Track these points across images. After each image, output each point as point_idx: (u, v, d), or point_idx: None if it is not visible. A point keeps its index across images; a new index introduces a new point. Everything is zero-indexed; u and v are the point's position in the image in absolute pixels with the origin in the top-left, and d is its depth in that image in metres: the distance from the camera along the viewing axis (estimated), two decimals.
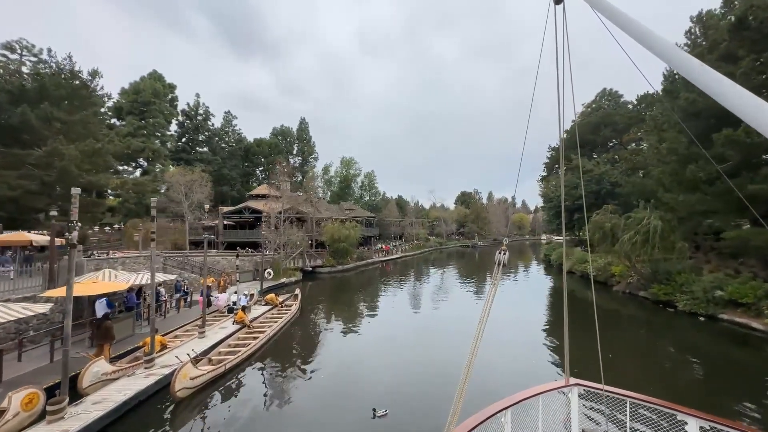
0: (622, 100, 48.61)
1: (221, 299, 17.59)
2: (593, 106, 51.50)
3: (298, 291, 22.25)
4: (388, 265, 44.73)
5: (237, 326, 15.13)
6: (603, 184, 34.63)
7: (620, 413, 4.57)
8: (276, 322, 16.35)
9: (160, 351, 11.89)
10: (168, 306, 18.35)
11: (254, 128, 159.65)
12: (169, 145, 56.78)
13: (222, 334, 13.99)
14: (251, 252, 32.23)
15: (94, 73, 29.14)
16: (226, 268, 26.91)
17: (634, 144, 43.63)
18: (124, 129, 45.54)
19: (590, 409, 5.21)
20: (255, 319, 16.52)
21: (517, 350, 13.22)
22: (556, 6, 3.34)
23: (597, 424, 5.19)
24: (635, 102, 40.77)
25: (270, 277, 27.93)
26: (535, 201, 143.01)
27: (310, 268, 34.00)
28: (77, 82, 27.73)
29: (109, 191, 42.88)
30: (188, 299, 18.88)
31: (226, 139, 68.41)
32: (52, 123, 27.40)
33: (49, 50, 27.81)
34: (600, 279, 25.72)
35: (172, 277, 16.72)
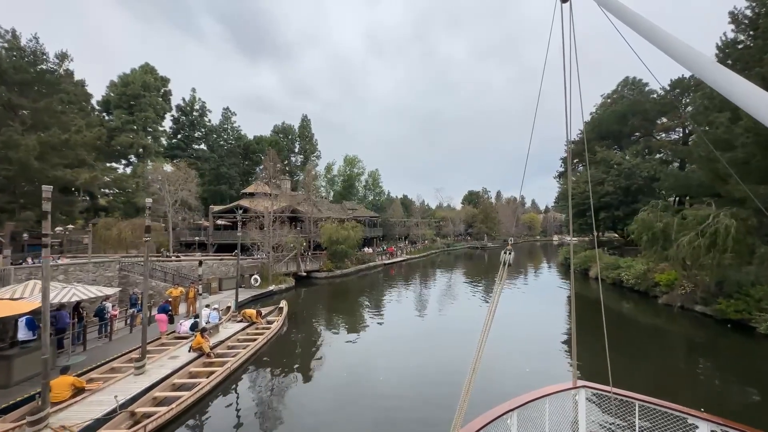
0: (647, 88, 44.53)
1: (184, 326, 13.98)
2: (614, 96, 47.62)
3: (283, 303, 18.95)
4: (392, 268, 41.34)
5: (195, 354, 11.84)
6: (634, 179, 30.68)
7: (629, 416, 4.48)
8: (248, 346, 12.98)
9: (70, 398, 8.66)
10: (125, 323, 15.27)
11: (262, 129, 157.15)
12: (164, 141, 54.12)
13: (169, 368, 10.65)
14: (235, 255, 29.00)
15: (63, 56, 26.21)
16: (207, 274, 23.74)
17: (663, 134, 39.57)
18: (112, 123, 42.86)
19: (598, 411, 4.89)
20: (221, 342, 13.21)
21: (530, 352, 13.01)
22: (563, 4, 3.27)
23: (605, 427, 4.88)
24: (667, 88, 36.62)
25: (257, 284, 24.71)
26: (545, 200, 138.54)
27: (305, 273, 30.71)
28: (42, 66, 24.85)
29: (106, 190, 40.19)
30: (149, 314, 15.67)
31: (225, 136, 65.57)
32: (15, 111, 24.63)
33: (14, 31, 24.96)
34: (639, 288, 21.90)
35: (111, 291, 13.46)
